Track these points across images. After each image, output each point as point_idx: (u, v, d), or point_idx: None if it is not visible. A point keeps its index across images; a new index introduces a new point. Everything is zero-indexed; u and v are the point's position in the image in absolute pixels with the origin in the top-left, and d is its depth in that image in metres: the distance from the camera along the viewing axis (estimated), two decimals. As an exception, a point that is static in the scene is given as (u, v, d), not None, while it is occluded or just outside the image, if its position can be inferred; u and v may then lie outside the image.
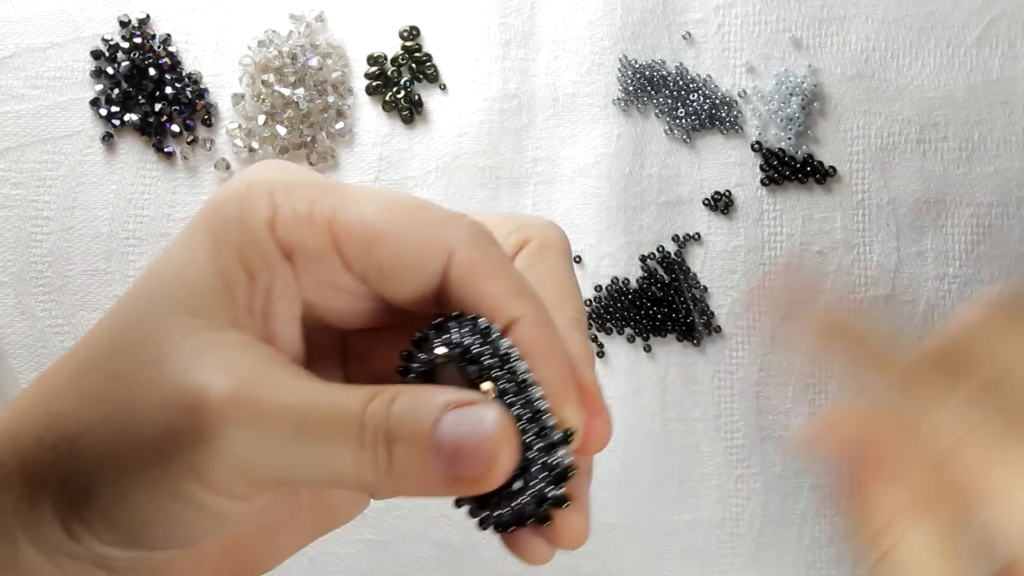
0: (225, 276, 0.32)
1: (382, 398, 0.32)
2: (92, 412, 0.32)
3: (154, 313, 0.32)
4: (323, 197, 0.33)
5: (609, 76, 0.60)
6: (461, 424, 0.31)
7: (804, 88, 0.59)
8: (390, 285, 0.34)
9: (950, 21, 0.60)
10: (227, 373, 0.31)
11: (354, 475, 0.32)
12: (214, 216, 0.33)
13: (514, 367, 0.33)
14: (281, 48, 0.60)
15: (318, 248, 0.33)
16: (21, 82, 0.59)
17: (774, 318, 0.43)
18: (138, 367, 0.32)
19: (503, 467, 0.32)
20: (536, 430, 0.33)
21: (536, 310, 0.34)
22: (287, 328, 0.34)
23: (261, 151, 0.60)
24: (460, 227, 0.34)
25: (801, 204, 0.60)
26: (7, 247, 0.58)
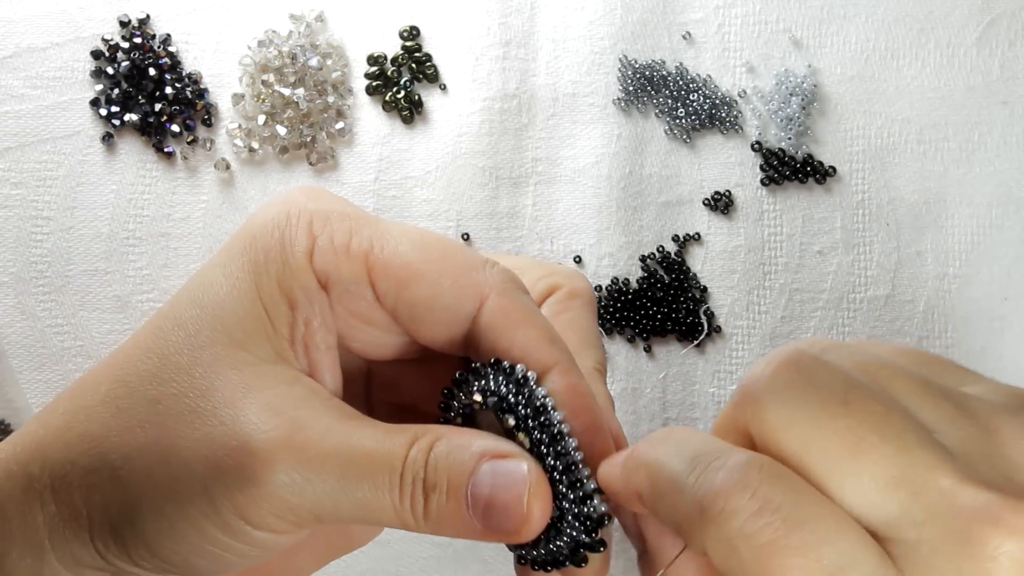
0: (268, 307, 0.33)
1: (421, 445, 0.32)
2: (132, 439, 0.32)
3: (199, 342, 0.32)
4: (360, 229, 0.33)
5: (609, 76, 0.60)
6: (496, 478, 0.32)
7: (804, 88, 0.59)
8: (420, 324, 0.34)
9: (950, 21, 0.60)
10: (274, 415, 0.31)
11: (393, 517, 0.32)
12: (254, 244, 0.33)
13: (550, 417, 0.33)
14: (281, 48, 0.60)
15: (353, 279, 0.33)
16: (21, 82, 0.59)
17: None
18: (182, 398, 0.32)
19: (535, 523, 0.32)
20: (570, 482, 0.33)
21: (569, 359, 0.34)
22: (325, 358, 0.34)
23: (261, 151, 0.60)
24: (492, 274, 0.34)
25: (801, 204, 0.60)
26: (7, 247, 0.58)
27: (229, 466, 0.31)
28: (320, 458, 0.31)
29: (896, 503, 0.26)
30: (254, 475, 0.31)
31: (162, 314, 0.34)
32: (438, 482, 0.32)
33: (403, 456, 0.32)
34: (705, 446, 0.29)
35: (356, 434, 0.32)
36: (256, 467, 0.31)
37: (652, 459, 0.30)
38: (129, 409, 0.32)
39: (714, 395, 0.59)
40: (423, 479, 0.32)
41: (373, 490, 0.32)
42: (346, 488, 0.32)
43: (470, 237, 0.59)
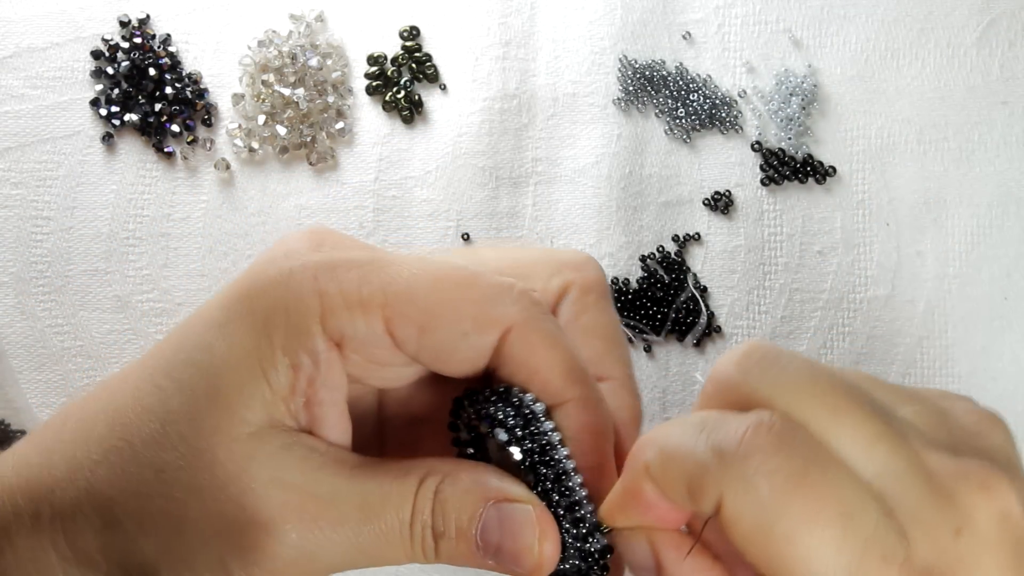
0: (267, 372, 0.32)
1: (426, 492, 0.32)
2: (142, 507, 0.32)
3: (197, 410, 0.32)
4: (370, 277, 0.32)
5: (609, 76, 0.60)
6: (503, 525, 0.32)
7: (804, 88, 0.59)
8: (444, 364, 0.34)
9: (950, 21, 0.60)
10: (280, 488, 0.32)
11: (405, 559, 0.33)
12: (254, 307, 0.33)
13: (555, 454, 0.33)
14: (281, 48, 0.60)
15: (370, 332, 0.32)
16: (21, 82, 0.59)
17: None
18: (187, 471, 0.32)
19: (548, 565, 0.33)
20: (573, 519, 0.33)
21: (584, 393, 0.34)
22: (331, 412, 0.34)
23: (261, 151, 0.60)
24: (513, 302, 0.33)
25: (801, 204, 0.60)
26: (7, 247, 0.58)
27: (242, 542, 0.31)
28: (331, 524, 0.32)
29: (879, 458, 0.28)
30: (268, 550, 0.31)
31: (157, 369, 0.33)
32: (446, 529, 0.32)
33: (411, 507, 0.32)
34: (709, 415, 0.31)
35: (362, 486, 0.32)
36: (269, 542, 0.31)
37: (661, 432, 0.31)
38: (135, 475, 0.32)
39: (714, 395, 0.59)
40: (432, 528, 0.32)
41: (386, 542, 0.32)
42: (358, 545, 0.32)
43: (470, 237, 0.59)
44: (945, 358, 0.59)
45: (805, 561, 0.27)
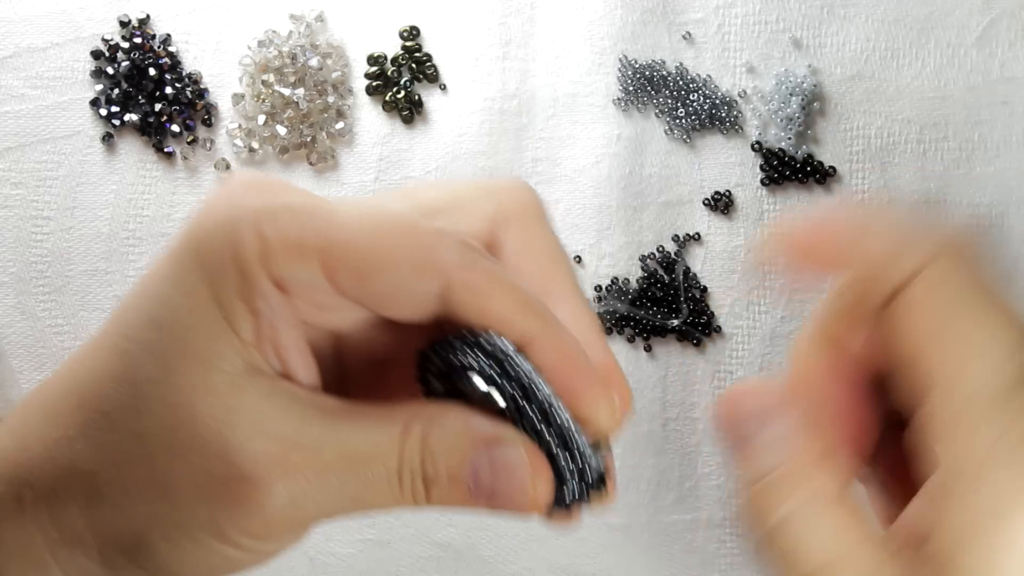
0: (231, 319, 0.32)
1: (413, 438, 0.32)
2: (126, 476, 0.32)
3: (169, 368, 0.32)
4: (310, 223, 0.33)
5: (609, 76, 0.60)
6: (496, 469, 0.32)
7: (804, 88, 0.59)
8: (386, 308, 0.34)
9: (950, 21, 0.60)
10: (264, 438, 0.31)
11: (393, 506, 0.33)
12: (204, 253, 0.33)
13: (538, 391, 0.34)
14: (281, 48, 0.60)
15: (310, 277, 0.33)
16: (21, 82, 0.59)
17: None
18: (168, 431, 0.32)
19: (543, 502, 0.33)
20: (568, 449, 0.34)
21: (545, 323, 0.34)
22: (296, 355, 0.34)
23: (261, 151, 0.60)
24: (450, 249, 0.34)
25: (801, 204, 0.60)
26: (7, 247, 0.58)
27: (230, 497, 0.31)
28: (318, 473, 0.32)
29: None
30: (256, 503, 0.31)
31: (119, 334, 0.33)
32: (437, 475, 0.32)
33: (398, 452, 0.32)
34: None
35: (347, 435, 0.32)
36: (257, 496, 0.31)
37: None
38: (114, 444, 0.32)
39: (714, 395, 0.59)
40: (422, 473, 0.32)
41: (373, 489, 0.32)
42: (347, 492, 0.32)
43: (470, 237, 0.59)
44: (945, 358, 0.59)
45: (977, 356, 0.30)
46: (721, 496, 0.59)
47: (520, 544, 0.59)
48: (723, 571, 0.59)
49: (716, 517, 0.59)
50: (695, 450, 0.59)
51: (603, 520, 0.59)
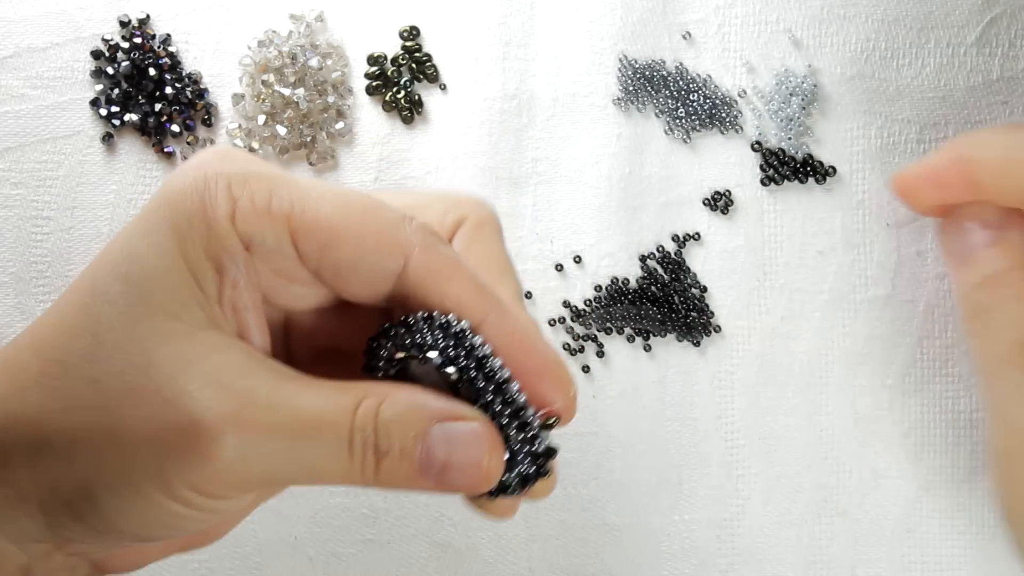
0: (196, 273, 0.33)
1: (367, 408, 0.32)
2: (75, 420, 0.32)
3: (132, 317, 0.32)
4: (280, 190, 0.34)
5: (609, 76, 0.60)
6: (451, 442, 0.33)
7: (804, 88, 0.59)
8: (344, 283, 0.35)
9: (950, 21, 0.60)
10: (217, 389, 0.32)
11: (342, 477, 0.33)
12: (175, 210, 0.33)
13: (492, 366, 0.34)
14: (281, 48, 0.60)
15: (276, 241, 0.33)
16: (21, 82, 0.59)
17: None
18: (122, 376, 0.32)
19: (495, 479, 0.33)
20: (519, 425, 0.34)
21: (498, 306, 0.35)
22: (252, 318, 0.34)
23: (261, 151, 0.60)
24: (413, 231, 0.35)
25: (801, 204, 0.60)
26: (7, 247, 0.58)
27: (179, 445, 0.31)
28: (267, 430, 0.32)
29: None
30: (205, 452, 0.31)
31: (85, 289, 0.33)
32: (390, 447, 0.32)
33: (349, 420, 0.32)
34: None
35: (300, 398, 0.32)
36: (206, 444, 0.31)
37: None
38: (67, 390, 0.32)
39: (714, 395, 0.59)
40: (374, 444, 0.32)
41: (322, 455, 0.32)
42: (295, 455, 0.32)
43: (470, 237, 0.59)
44: (945, 358, 0.59)
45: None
46: (721, 496, 0.59)
47: (520, 544, 0.59)
48: (723, 571, 0.59)
49: (716, 517, 0.59)
50: (695, 450, 0.59)
51: (603, 520, 0.59)
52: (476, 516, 0.58)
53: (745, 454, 0.59)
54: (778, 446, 0.59)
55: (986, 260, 0.47)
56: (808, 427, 0.59)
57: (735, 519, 0.59)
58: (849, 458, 0.59)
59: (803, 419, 0.59)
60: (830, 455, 0.59)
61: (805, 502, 0.59)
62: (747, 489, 0.60)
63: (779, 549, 0.59)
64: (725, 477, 0.59)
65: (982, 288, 0.47)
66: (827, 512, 0.60)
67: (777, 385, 0.59)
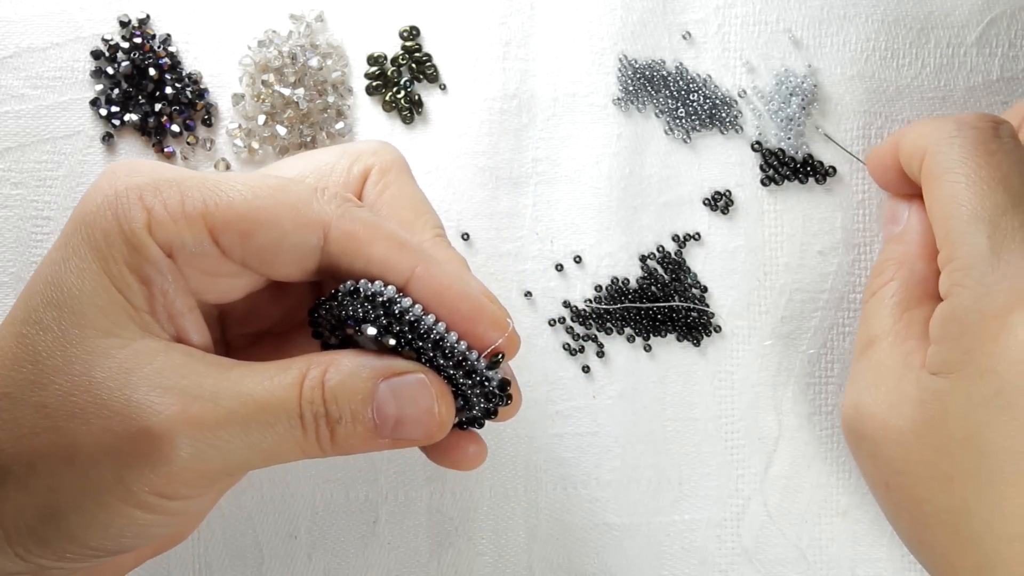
0: (122, 289, 0.33)
1: (312, 380, 0.33)
2: (30, 447, 0.32)
3: (66, 340, 0.33)
4: (190, 191, 0.34)
5: (609, 76, 0.60)
6: (399, 397, 0.33)
7: (804, 88, 0.59)
8: (271, 267, 0.35)
9: (950, 21, 0.60)
10: (163, 392, 0.32)
11: (300, 453, 0.34)
12: (92, 230, 0.34)
13: (426, 326, 0.35)
14: (281, 48, 0.60)
15: (196, 242, 0.34)
16: (21, 82, 0.59)
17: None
18: (67, 398, 0.32)
19: (446, 424, 0.34)
20: (465, 371, 0.35)
21: (423, 258, 0.35)
22: (188, 320, 0.35)
23: (261, 151, 0.60)
24: (327, 201, 0.35)
25: (801, 204, 0.60)
26: (7, 247, 0.58)
27: (135, 452, 0.32)
28: (218, 423, 0.32)
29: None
30: (161, 455, 0.31)
31: (19, 320, 0.34)
32: (342, 413, 0.33)
33: (297, 397, 0.33)
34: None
35: (245, 384, 0.33)
36: (161, 447, 0.31)
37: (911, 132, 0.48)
38: (18, 419, 0.33)
39: (714, 395, 0.59)
40: (325, 414, 0.33)
41: (276, 436, 0.33)
42: (250, 441, 0.33)
43: (470, 237, 0.59)
44: (945, 358, 0.59)
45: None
46: (721, 496, 0.59)
47: (520, 544, 0.59)
48: (723, 571, 0.59)
49: (716, 517, 0.59)
50: (695, 450, 0.59)
51: (603, 520, 0.59)
52: (477, 516, 0.58)
53: (745, 454, 0.59)
54: (778, 446, 0.59)
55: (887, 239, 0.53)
56: (808, 427, 0.59)
57: (735, 519, 0.59)
58: (849, 458, 0.59)
59: (803, 419, 0.60)
60: (830, 455, 0.59)
61: (805, 502, 0.59)
62: (747, 489, 0.60)
63: (779, 549, 0.59)
64: (725, 477, 0.59)
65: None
66: (827, 512, 0.60)
67: (777, 385, 0.60)
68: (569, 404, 0.59)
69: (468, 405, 0.36)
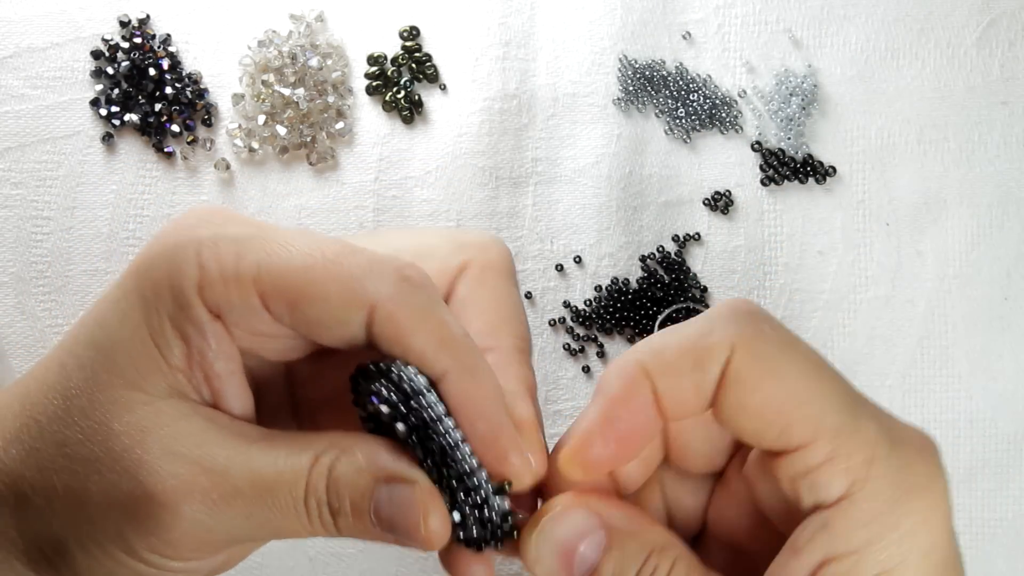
0: (160, 344, 0.33)
1: (322, 467, 0.33)
2: (48, 482, 0.33)
3: (97, 384, 0.33)
4: (246, 253, 0.34)
5: (609, 76, 0.60)
6: (392, 503, 0.33)
7: (804, 88, 0.59)
8: (319, 335, 0.35)
9: (950, 21, 0.60)
10: (174, 459, 0.32)
11: (303, 533, 0.34)
12: (144, 279, 0.34)
13: (440, 427, 0.34)
14: (281, 48, 0.60)
15: (244, 305, 0.33)
16: (21, 82, 0.59)
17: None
18: (86, 444, 0.33)
19: (438, 538, 0.33)
20: (465, 489, 0.34)
21: (460, 363, 0.34)
22: (229, 384, 0.34)
23: (261, 151, 0.60)
24: (382, 279, 0.34)
25: (801, 204, 0.60)
26: (7, 247, 0.58)
27: (137, 514, 0.32)
28: (223, 498, 0.32)
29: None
30: (163, 522, 0.32)
31: (65, 348, 0.34)
32: (341, 506, 0.33)
33: (304, 482, 0.33)
34: (679, 326, 0.34)
35: (258, 461, 0.33)
36: (164, 515, 0.32)
37: (638, 346, 0.34)
38: (41, 451, 0.33)
39: (714, 395, 0.59)
40: (327, 503, 0.33)
41: (281, 515, 0.33)
42: (254, 518, 0.33)
43: (470, 237, 0.59)
44: (945, 358, 0.59)
45: (811, 405, 0.31)
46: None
47: (520, 544, 0.59)
48: (723, 571, 0.59)
49: (716, 517, 0.59)
50: (695, 450, 0.59)
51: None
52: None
53: (745, 454, 0.59)
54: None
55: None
56: (808, 427, 0.59)
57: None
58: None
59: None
60: (830, 455, 0.59)
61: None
62: (747, 489, 0.59)
63: (779, 549, 0.59)
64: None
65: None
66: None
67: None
68: (569, 404, 0.59)
69: (466, 525, 0.34)
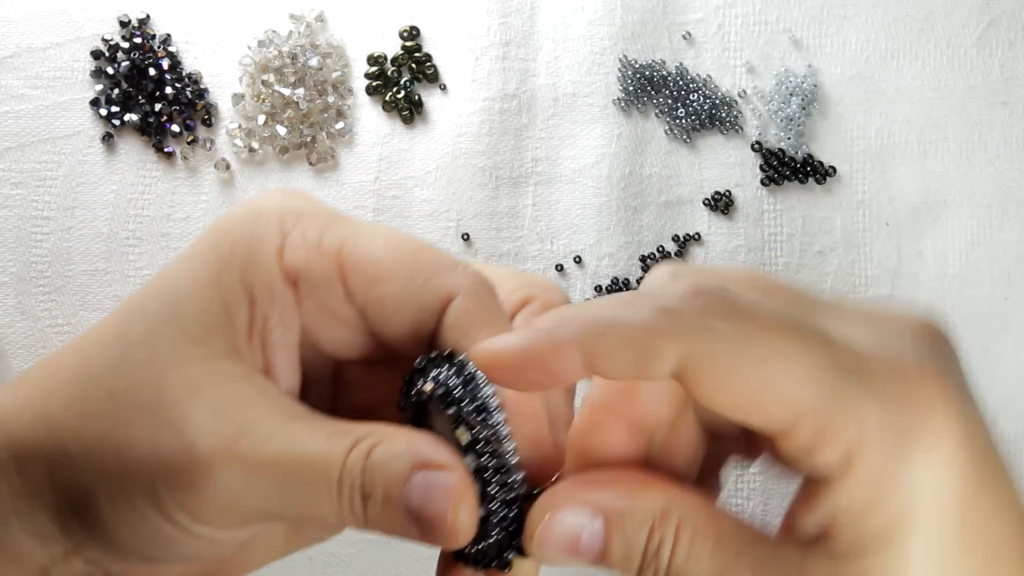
0: (226, 301, 0.33)
1: (359, 451, 0.33)
2: (89, 430, 0.33)
3: (156, 336, 0.33)
4: (332, 227, 0.34)
5: (609, 76, 0.60)
6: (426, 491, 0.32)
7: (804, 88, 0.59)
8: (388, 321, 0.35)
9: (950, 21, 0.60)
10: (219, 419, 0.32)
11: (333, 517, 0.33)
12: (222, 238, 0.34)
13: (490, 417, 0.34)
14: (281, 48, 0.60)
15: (324, 275, 0.34)
16: (21, 82, 0.59)
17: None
18: (136, 392, 0.32)
19: (462, 534, 0.32)
20: (500, 483, 0.33)
21: None
22: (283, 356, 0.34)
23: (261, 151, 0.60)
24: (462, 275, 0.35)
25: (801, 204, 0.60)
26: (7, 247, 0.58)
27: (174, 467, 0.32)
28: (260, 465, 0.32)
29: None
30: (197, 478, 0.31)
31: (131, 304, 0.34)
32: (374, 491, 0.32)
33: (341, 463, 0.33)
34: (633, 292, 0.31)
35: (299, 438, 0.33)
36: (199, 471, 0.31)
37: (581, 308, 0.31)
38: (89, 397, 0.33)
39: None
40: (360, 486, 0.33)
41: (313, 494, 0.33)
42: (286, 492, 0.32)
43: (470, 237, 0.59)
44: (945, 358, 0.59)
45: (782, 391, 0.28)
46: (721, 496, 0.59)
47: (520, 544, 0.59)
48: (723, 571, 0.59)
49: (716, 517, 0.59)
50: (695, 450, 0.59)
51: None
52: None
53: (745, 454, 0.59)
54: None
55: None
56: (808, 427, 0.59)
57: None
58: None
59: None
60: (830, 455, 0.59)
61: (805, 502, 0.59)
62: (747, 489, 0.59)
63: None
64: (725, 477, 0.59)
65: None
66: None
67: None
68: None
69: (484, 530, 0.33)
